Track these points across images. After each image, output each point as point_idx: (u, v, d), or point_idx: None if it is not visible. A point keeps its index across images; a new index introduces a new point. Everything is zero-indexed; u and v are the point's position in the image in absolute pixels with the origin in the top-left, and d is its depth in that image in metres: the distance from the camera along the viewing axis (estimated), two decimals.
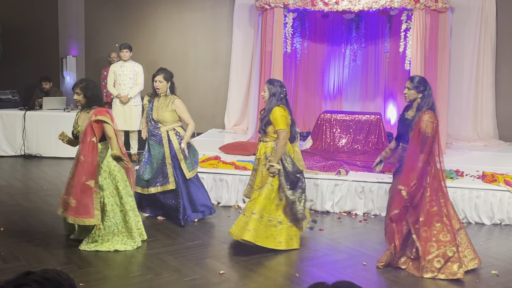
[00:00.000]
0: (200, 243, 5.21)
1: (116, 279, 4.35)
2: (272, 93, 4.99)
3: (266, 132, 5.03)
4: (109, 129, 4.81)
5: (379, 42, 9.54)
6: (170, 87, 5.72)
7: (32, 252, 4.87)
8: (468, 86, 9.42)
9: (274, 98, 4.98)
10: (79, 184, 4.77)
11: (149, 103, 5.78)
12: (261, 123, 5.06)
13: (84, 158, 4.79)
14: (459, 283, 4.37)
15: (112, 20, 10.90)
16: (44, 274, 1.46)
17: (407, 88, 4.65)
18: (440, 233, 4.42)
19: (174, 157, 5.65)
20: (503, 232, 5.83)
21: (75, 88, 4.94)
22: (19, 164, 8.81)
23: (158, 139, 5.68)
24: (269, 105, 4.98)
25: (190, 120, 5.76)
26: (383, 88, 9.71)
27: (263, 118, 5.02)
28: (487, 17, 9.25)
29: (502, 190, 6.08)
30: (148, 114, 5.74)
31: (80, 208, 4.77)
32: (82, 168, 4.80)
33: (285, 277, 4.54)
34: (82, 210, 4.77)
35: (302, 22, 9.33)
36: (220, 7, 10.41)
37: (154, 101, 5.73)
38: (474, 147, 8.96)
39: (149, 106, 5.76)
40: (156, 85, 5.66)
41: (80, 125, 4.93)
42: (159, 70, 5.77)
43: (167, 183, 5.64)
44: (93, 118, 4.81)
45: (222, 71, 10.47)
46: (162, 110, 5.66)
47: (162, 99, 5.70)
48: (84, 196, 4.77)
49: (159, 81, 5.66)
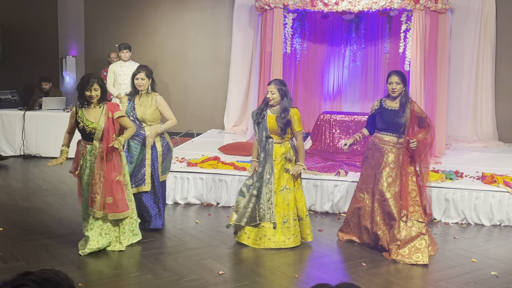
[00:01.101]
0: (199, 244, 5.20)
1: (115, 279, 4.34)
2: (283, 93, 5.01)
3: (286, 132, 5.06)
4: (128, 121, 5.01)
5: (378, 43, 9.54)
6: (151, 84, 5.64)
7: (31, 252, 4.86)
8: (468, 87, 9.43)
9: (286, 98, 5.01)
10: (111, 182, 4.82)
11: (129, 102, 5.59)
12: (281, 124, 4.98)
13: (112, 156, 4.83)
14: (462, 284, 4.37)
15: (111, 20, 10.90)
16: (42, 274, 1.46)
17: (395, 83, 4.97)
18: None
19: (155, 159, 5.54)
20: (502, 233, 5.83)
21: (93, 84, 4.75)
22: (18, 164, 8.80)
23: (142, 139, 5.51)
24: (285, 105, 4.98)
25: (172, 117, 5.64)
26: (382, 88, 9.70)
27: (282, 118, 4.98)
28: (487, 18, 9.26)
29: (501, 191, 6.08)
30: (131, 114, 5.53)
31: (118, 204, 4.87)
32: (110, 165, 4.82)
33: (284, 278, 4.53)
34: (120, 205, 4.89)
35: (301, 23, 9.33)
36: (220, 8, 10.41)
37: (135, 100, 5.58)
38: (473, 148, 8.96)
39: (130, 105, 5.57)
40: (138, 82, 5.53)
41: (93, 122, 4.80)
42: (140, 68, 5.68)
43: (142, 184, 5.52)
44: (115, 115, 4.84)
45: (221, 72, 10.47)
46: (146, 108, 5.54)
47: (144, 97, 5.58)
48: (117, 191, 4.87)
49: (141, 78, 5.53)
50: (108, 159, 4.81)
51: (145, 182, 5.51)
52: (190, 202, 6.62)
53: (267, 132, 5.04)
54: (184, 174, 6.68)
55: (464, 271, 4.66)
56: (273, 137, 5.04)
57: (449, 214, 6.14)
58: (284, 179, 5.09)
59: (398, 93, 4.99)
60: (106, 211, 4.83)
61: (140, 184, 5.52)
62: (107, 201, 4.82)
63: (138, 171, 5.51)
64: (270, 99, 5.01)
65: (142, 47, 10.56)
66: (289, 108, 4.98)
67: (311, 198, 6.33)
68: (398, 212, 4.90)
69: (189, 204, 6.55)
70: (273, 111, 5.06)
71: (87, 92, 4.75)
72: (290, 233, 5.08)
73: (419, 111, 5.03)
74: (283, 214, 5.06)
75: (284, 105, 4.98)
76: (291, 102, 5.05)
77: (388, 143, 5.02)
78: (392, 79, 4.98)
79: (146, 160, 5.50)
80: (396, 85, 4.97)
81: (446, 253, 5.11)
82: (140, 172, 5.51)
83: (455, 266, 4.78)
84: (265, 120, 5.04)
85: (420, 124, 5.02)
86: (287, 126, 5.00)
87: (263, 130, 5.06)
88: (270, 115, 5.04)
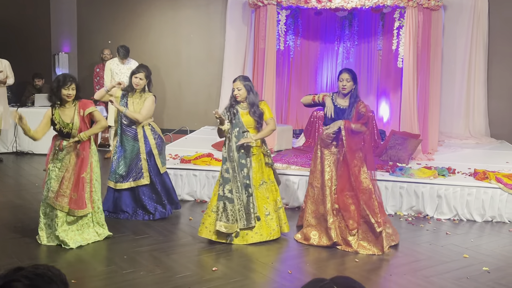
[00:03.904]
0: (192, 240, 5.21)
1: (109, 275, 4.34)
2: (249, 88, 5.15)
3: (261, 125, 5.18)
4: (98, 114, 5.02)
5: (372, 40, 9.56)
6: (147, 84, 5.84)
7: (24, 249, 4.85)
8: (460, 84, 9.47)
9: (252, 93, 5.15)
10: (78, 178, 4.91)
11: (123, 98, 5.78)
12: (256, 117, 5.11)
13: (84, 153, 4.92)
14: (454, 280, 4.40)
15: (105, 17, 10.86)
16: (35, 269, 1.46)
17: (346, 81, 5.12)
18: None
19: (149, 153, 5.73)
20: (494, 229, 5.87)
21: (70, 84, 4.83)
22: (10, 161, 8.76)
23: (133, 134, 5.72)
24: (253, 99, 5.12)
25: (142, 115, 5.69)
26: (375, 85, 9.73)
27: (255, 112, 5.11)
28: (479, 16, 9.30)
29: (493, 187, 6.11)
30: (124, 111, 5.73)
31: (78, 200, 4.92)
32: (80, 162, 4.91)
33: (277, 274, 4.55)
34: (80, 201, 4.93)
35: (295, 20, 9.33)
36: (214, 5, 10.39)
37: (128, 96, 5.77)
38: (466, 144, 9.00)
39: (123, 101, 5.76)
40: (136, 81, 5.72)
41: (69, 122, 4.89)
42: (140, 67, 5.85)
43: (141, 178, 5.73)
44: (86, 112, 4.90)
45: (215, 68, 10.46)
46: (138, 105, 5.73)
47: (137, 95, 5.78)
48: (81, 188, 4.92)
49: (140, 78, 5.73)
50: (79, 156, 4.91)
51: (143, 176, 5.71)
52: (183, 198, 6.62)
53: (243, 128, 5.12)
54: (177, 170, 6.68)
55: (456, 266, 4.69)
56: (249, 130, 5.14)
57: (442, 210, 6.18)
58: (262, 174, 5.19)
59: (348, 90, 5.13)
60: (71, 206, 4.91)
61: (139, 177, 5.72)
62: (72, 197, 4.91)
63: (135, 166, 5.70)
64: (237, 95, 5.13)
65: (136, 44, 10.53)
66: (257, 102, 5.14)
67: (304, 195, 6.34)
68: (346, 204, 5.04)
69: (182, 201, 6.55)
70: (242, 107, 5.17)
71: (65, 90, 4.83)
72: (274, 225, 5.20)
73: (364, 110, 5.11)
74: (264, 207, 5.18)
75: (252, 100, 5.12)
76: (258, 96, 5.22)
77: (333, 138, 5.17)
78: (343, 76, 5.14)
79: (141, 154, 5.69)
80: (347, 82, 5.11)
81: (438, 249, 5.14)
82: (137, 166, 5.69)
83: (447, 261, 4.81)
84: (239, 117, 5.12)
85: (361, 119, 5.11)
86: (261, 118, 5.16)
87: (237, 127, 5.12)
88: (242, 112, 5.15)
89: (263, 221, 5.16)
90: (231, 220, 5.04)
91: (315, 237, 5.15)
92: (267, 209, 5.18)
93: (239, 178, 5.07)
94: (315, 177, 5.25)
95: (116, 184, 5.76)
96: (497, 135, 9.45)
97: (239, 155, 5.08)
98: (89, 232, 5.08)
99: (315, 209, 5.22)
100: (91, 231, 5.10)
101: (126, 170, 5.73)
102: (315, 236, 5.15)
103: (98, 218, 5.16)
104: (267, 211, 5.18)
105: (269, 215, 5.18)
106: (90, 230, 5.10)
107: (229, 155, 5.11)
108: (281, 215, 5.29)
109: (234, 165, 5.08)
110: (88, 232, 5.08)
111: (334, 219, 5.07)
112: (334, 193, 5.10)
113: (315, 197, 5.23)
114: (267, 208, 5.19)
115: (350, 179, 5.05)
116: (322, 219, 5.14)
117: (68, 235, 4.92)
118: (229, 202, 5.06)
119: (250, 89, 5.14)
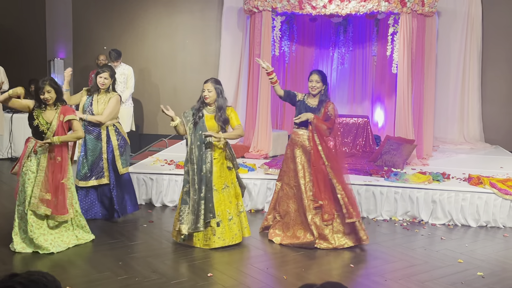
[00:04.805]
0: (187, 246, 5.20)
1: (103, 282, 4.33)
2: (219, 91, 5.15)
3: (225, 130, 5.16)
4: (77, 124, 5.02)
5: (366, 46, 9.60)
6: (112, 84, 5.91)
7: (19, 256, 4.84)
8: (455, 90, 9.52)
9: (222, 97, 5.15)
10: (56, 183, 4.94)
11: (88, 97, 5.86)
12: (220, 122, 5.09)
13: (61, 157, 4.96)
14: (449, 285, 4.41)
15: (100, 22, 10.87)
16: (29, 276, 1.46)
17: (315, 82, 5.29)
18: None
19: (111, 153, 5.82)
20: (488, 234, 5.89)
21: (46, 86, 4.88)
22: (5, 167, 8.74)
23: (96, 134, 5.80)
24: (221, 104, 5.12)
25: (104, 116, 5.76)
26: (370, 91, 9.76)
27: (220, 117, 5.09)
28: (473, 21, 9.36)
29: (488, 192, 6.14)
30: (88, 109, 5.80)
31: (58, 206, 4.94)
32: (58, 167, 4.96)
33: (273, 280, 4.55)
34: (60, 207, 4.95)
35: (290, 26, 9.36)
36: (209, 10, 10.42)
37: (94, 96, 5.84)
38: (460, 150, 9.04)
39: (88, 100, 5.84)
40: (101, 81, 5.80)
41: (47, 123, 4.94)
42: (104, 67, 5.93)
43: (102, 177, 5.84)
44: (65, 118, 4.93)
45: (210, 74, 10.40)
46: (102, 105, 5.80)
47: (102, 95, 5.85)
48: (61, 194, 4.95)
49: (104, 77, 5.81)
50: (57, 160, 4.94)
51: (104, 175, 5.83)
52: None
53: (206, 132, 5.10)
54: (172, 176, 6.69)
55: (450, 271, 4.71)
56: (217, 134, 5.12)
57: (436, 216, 6.20)
58: (224, 178, 5.17)
59: (318, 91, 5.31)
60: (53, 211, 4.91)
61: (100, 177, 5.85)
62: (53, 202, 4.92)
63: (97, 165, 5.82)
64: (206, 97, 5.12)
65: (131, 50, 10.54)
66: (224, 107, 5.14)
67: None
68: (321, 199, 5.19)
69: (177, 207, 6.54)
70: (209, 110, 5.16)
71: (41, 95, 4.91)
72: (237, 229, 5.23)
73: (332, 112, 5.27)
74: (228, 211, 5.17)
75: (220, 104, 5.12)
76: (226, 101, 5.21)
77: (302, 136, 5.32)
78: (313, 77, 5.32)
79: (102, 154, 5.81)
80: (316, 83, 5.29)
81: (433, 254, 5.15)
82: (98, 165, 5.82)
83: (442, 266, 4.83)
84: (203, 121, 5.12)
85: (327, 122, 5.26)
86: (225, 123, 5.14)
87: (200, 130, 5.10)
88: (207, 115, 5.14)
89: (226, 226, 5.16)
90: (185, 221, 5.08)
91: (300, 235, 5.27)
92: (230, 213, 5.18)
93: (197, 180, 5.07)
94: (290, 177, 5.37)
95: (81, 182, 5.83)
96: (492, 140, 9.50)
97: (199, 157, 5.08)
98: (68, 235, 5.10)
99: (297, 207, 5.33)
100: (70, 234, 5.11)
101: (89, 168, 5.82)
102: (300, 234, 5.28)
103: (78, 221, 5.19)
104: (230, 215, 5.18)
105: (232, 220, 5.20)
106: (70, 233, 5.12)
107: (190, 157, 5.11)
108: (242, 219, 5.31)
109: (194, 168, 5.09)
110: (68, 235, 5.09)
111: (312, 216, 5.20)
112: (310, 190, 5.22)
113: (295, 196, 5.33)
114: (230, 212, 5.19)
115: (323, 176, 5.20)
116: (304, 217, 5.25)
117: (47, 239, 4.91)
118: (185, 204, 5.10)
119: (220, 92, 5.15)
